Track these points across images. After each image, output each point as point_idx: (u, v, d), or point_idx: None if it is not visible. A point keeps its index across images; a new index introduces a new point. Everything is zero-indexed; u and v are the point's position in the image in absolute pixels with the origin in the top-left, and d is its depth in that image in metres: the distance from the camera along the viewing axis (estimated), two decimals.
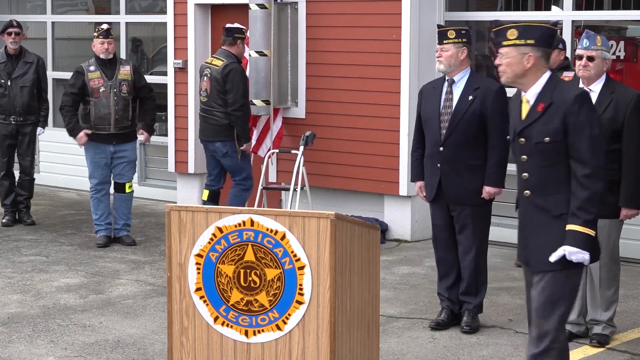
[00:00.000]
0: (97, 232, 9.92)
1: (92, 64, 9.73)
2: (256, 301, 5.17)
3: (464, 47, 7.05)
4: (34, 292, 8.21)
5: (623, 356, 6.65)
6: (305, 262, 5.07)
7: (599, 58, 6.68)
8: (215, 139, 9.77)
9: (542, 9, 10.76)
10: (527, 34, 5.09)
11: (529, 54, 5.07)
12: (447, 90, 7.11)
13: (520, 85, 5.16)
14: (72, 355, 6.68)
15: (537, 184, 5.12)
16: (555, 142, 5.04)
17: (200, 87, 9.90)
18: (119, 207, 9.96)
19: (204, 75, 9.82)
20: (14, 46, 10.74)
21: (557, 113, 5.04)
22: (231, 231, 5.16)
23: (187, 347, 5.32)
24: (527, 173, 5.14)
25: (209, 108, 9.77)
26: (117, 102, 9.67)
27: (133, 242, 9.88)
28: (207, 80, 9.76)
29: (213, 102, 9.73)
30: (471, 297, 7.19)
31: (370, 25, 10.11)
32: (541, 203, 5.10)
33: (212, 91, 9.71)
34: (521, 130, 5.14)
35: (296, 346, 5.14)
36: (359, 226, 5.36)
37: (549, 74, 5.13)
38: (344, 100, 10.32)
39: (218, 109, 9.72)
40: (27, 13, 14.30)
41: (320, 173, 10.44)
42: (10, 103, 10.67)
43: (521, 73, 5.10)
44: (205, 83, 9.79)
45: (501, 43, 5.16)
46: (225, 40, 9.84)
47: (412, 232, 10.12)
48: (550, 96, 5.08)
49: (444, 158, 7.06)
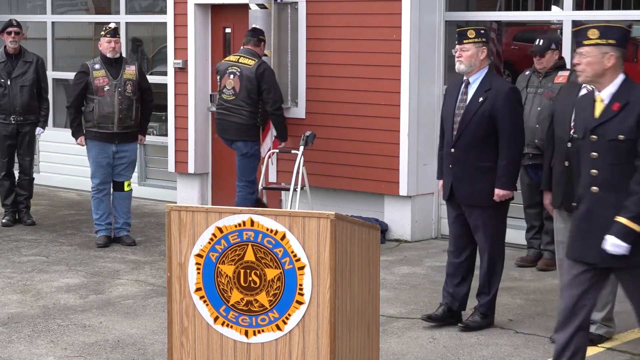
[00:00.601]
0: (97, 232, 9.92)
1: (97, 62, 9.75)
2: (256, 301, 5.17)
3: (484, 46, 7.05)
4: (34, 292, 8.21)
5: (623, 356, 6.65)
6: (305, 262, 5.07)
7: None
8: (238, 138, 9.78)
9: (542, 9, 10.77)
10: (609, 34, 5.27)
11: (610, 54, 5.26)
12: (462, 90, 7.12)
13: (598, 84, 5.33)
14: (72, 355, 6.68)
15: (606, 181, 5.30)
16: (629, 140, 5.23)
17: (224, 84, 9.83)
18: (118, 206, 9.96)
19: (230, 73, 9.80)
20: (14, 45, 10.74)
21: (632, 112, 5.23)
22: (231, 231, 5.15)
23: (187, 347, 5.32)
24: (597, 170, 5.32)
25: (236, 106, 9.75)
26: (122, 101, 9.67)
27: (133, 242, 9.88)
28: (237, 78, 9.74)
29: (242, 101, 9.72)
30: (482, 296, 7.22)
31: (370, 25, 10.11)
32: (611, 200, 5.27)
33: (241, 90, 9.70)
34: (594, 127, 5.32)
35: (296, 346, 5.14)
36: (359, 226, 5.36)
37: (623, 75, 5.33)
38: (344, 100, 10.32)
39: (246, 108, 9.71)
40: (27, 13, 14.30)
41: (320, 173, 10.43)
42: (10, 102, 10.66)
43: (601, 72, 5.29)
44: (233, 81, 9.75)
45: (581, 42, 5.28)
46: (250, 40, 9.89)
47: (412, 232, 10.12)
48: (626, 96, 5.27)
49: (454, 159, 7.07)
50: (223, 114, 9.88)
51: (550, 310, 7.68)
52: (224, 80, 9.86)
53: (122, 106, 9.68)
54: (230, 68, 9.83)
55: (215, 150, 11.57)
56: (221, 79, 9.91)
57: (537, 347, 6.83)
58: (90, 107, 9.67)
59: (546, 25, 11.23)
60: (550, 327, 7.21)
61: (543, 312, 7.65)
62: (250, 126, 9.75)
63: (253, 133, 9.79)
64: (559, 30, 10.21)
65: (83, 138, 9.77)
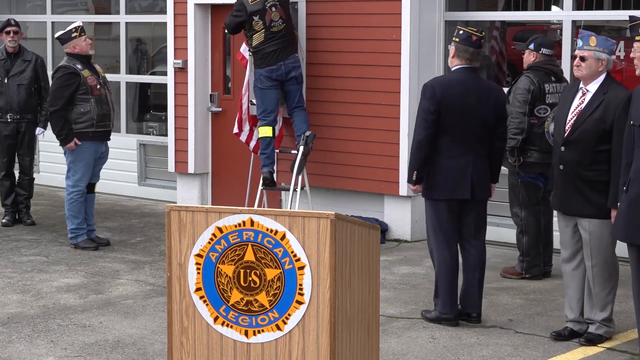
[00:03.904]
0: (76, 236, 9.64)
1: (76, 62, 9.55)
2: (256, 301, 5.17)
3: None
4: (34, 292, 8.21)
5: (623, 356, 6.65)
6: (305, 262, 5.07)
7: (592, 58, 6.72)
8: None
9: (542, 9, 10.76)
10: None
11: None
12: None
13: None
14: (72, 355, 6.68)
15: None
16: None
17: (270, 19, 10.00)
18: (89, 208, 9.78)
19: (272, 6, 10.00)
20: (13, 45, 10.74)
21: None
22: (231, 231, 5.15)
23: (187, 347, 5.31)
24: None
25: (290, 32, 10.15)
26: (111, 97, 9.71)
27: (107, 242, 9.89)
28: (279, 8, 10.03)
29: (292, 26, 10.22)
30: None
31: (370, 25, 10.11)
32: None
33: (288, 16, 10.11)
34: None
35: (296, 346, 5.14)
36: (359, 226, 5.36)
37: None
38: (344, 100, 10.32)
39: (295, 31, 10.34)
40: (27, 13, 14.30)
41: (320, 173, 10.43)
42: (8, 101, 10.66)
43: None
44: (278, 12, 10.01)
45: (634, 37, 5.33)
46: None
47: (412, 232, 10.12)
48: None
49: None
50: (280, 42, 10.04)
51: (550, 310, 7.69)
52: (268, 16, 9.99)
53: (112, 103, 9.70)
54: (267, 2, 10.00)
55: (215, 150, 11.57)
56: (262, 16, 9.99)
57: (537, 347, 6.83)
58: (86, 107, 9.48)
59: (546, 25, 11.22)
60: (550, 327, 7.22)
61: (543, 312, 7.65)
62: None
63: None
64: (559, 30, 10.21)
65: (74, 143, 9.51)
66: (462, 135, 7.16)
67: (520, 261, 8.62)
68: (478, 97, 7.18)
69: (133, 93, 13.18)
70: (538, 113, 8.25)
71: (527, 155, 8.33)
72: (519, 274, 8.62)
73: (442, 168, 7.15)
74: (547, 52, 8.49)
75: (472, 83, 7.21)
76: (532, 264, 8.56)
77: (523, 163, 8.37)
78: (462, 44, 7.21)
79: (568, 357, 6.63)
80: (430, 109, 7.12)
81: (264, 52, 9.99)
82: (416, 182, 7.25)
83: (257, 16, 9.98)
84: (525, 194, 8.45)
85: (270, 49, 9.99)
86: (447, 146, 7.16)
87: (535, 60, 8.46)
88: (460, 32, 7.25)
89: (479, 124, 7.19)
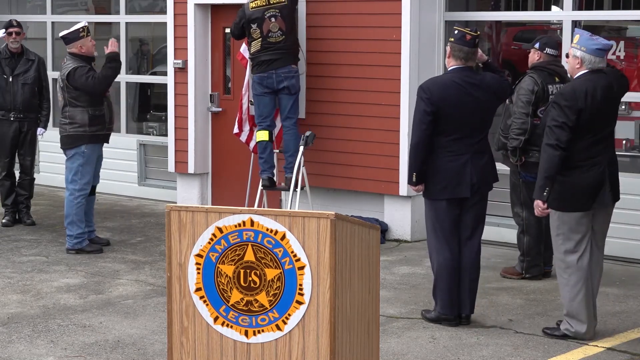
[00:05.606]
0: (81, 241, 9.54)
1: (86, 65, 9.47)
2: (256, 301, 5.17)
3: None
4: (34, 292, 8.21)
5: (623, 356, 6.65)
6: (305, 262, 5.07)
7: (571, 55, 6.92)
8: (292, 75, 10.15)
9: (542, 9, 10.76)
10: None
11: None
12: None
13: None
14: (72, 355, 6.68)
15: None
16: None
17: (268, 29, 9.92)
18: (89, 211, 9.74)
19: (271, 17, 9.92)
20: (15, 45, 10.75)
21: None
22: (231, 231, 5.15)
23: (187, 347, 5.32)
24: None
25: (291, 43, 10.07)
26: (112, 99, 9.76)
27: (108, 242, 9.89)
28: (280, 19, 9.93)
29: (293, 38, 10.11)
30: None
31: (370, 25, 10.11)
32: None
33: (288, 27, 10.01)
34: None
35: (296, 346, 5.14)
36: (359, 226, 5.36)
37: None
38: (344, 100, 10.32)
39: (296, 44, 10.21)
40: (27, 13, 14.30)
41: (320, 173, 10.43)
42: (11, 100, 10.67)
43: None
44: (277, 23, 9.91)
45: None
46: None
47: (412, 232, 10.12)
48: None
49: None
50: (276, 53, 9.97)
51: (550, 310, 7.69)
52: (266, 25, 9.93)
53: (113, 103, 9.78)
54: (267, 12, 9.92)
55: (215, 150, 11.57)
56: (260, 25, 9.94)
57: (537, 347, 6.83)
58: (101, 110, 9.42)
59: (546, 25, 11.22)
60: (550, 326, 7.21)
61: (543, 312, 7.65)
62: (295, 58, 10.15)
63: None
64: (559, 30, 10.21)
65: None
66: (460, 134, 7.16)
67: (520, 261, 8.63)
68: (475, 95, 7.19)
69: (133, 93, 13.18)
70: (541, 114, 8.27)
71: (529, 155, 8.33)
72: (519, 274, 8.62)
73: (441, 168, 7.16)
74: (552, 52, 8.52)
75: (468, 82, 7.22)
76: (532, 264, 8.56)
77: (525, 163, 8.38)
78: (457, 43, 7.23)
79: (568, 357, 6.63)
80: (427, 110, 7.12)
81: (258, 60, 9.99)
82: (416, 183, 7.26)
83: (255, 24, 9.96)
84: (526, 194, 8.45)
85: (264, 58, 9.98)
86: (445, 146, 7.17)
87: (539, 60, 8.49)
88: (455, 32, 7.28)
89: (477, 122, 7.20)
